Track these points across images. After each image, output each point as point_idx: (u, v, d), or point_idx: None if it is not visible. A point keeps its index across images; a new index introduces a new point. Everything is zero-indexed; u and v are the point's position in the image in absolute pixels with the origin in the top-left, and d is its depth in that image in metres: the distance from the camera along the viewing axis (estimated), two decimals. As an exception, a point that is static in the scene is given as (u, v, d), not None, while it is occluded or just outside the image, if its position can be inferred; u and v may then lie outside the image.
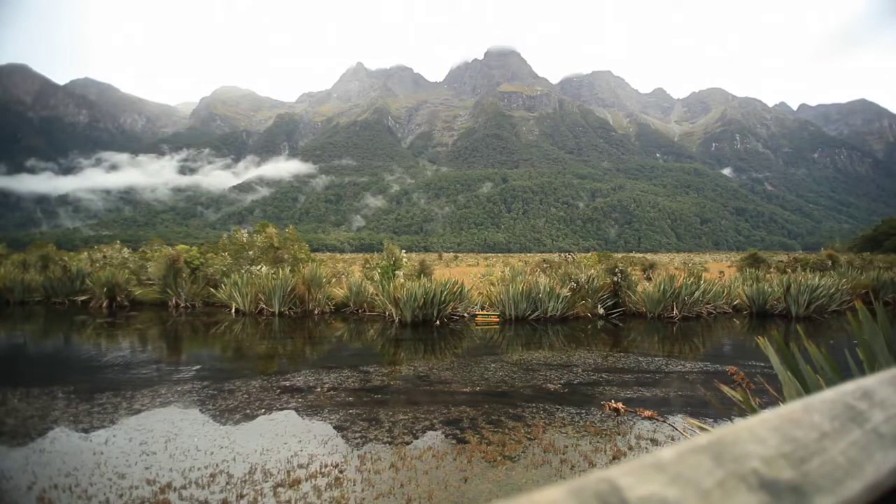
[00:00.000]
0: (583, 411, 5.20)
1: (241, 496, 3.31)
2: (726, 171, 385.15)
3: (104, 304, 14.59)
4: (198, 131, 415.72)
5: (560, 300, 12.49)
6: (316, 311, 13.23)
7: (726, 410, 4.42)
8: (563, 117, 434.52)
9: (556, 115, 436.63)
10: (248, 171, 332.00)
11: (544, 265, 16.84)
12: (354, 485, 3.49)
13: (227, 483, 3.50)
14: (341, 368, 7.06)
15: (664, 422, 4.80)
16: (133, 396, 5.66)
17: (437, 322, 11.59)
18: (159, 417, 4.96)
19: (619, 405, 2.30)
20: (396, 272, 13.94)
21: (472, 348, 9.33)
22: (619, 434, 4.55)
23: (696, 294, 12.96)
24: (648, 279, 16.74)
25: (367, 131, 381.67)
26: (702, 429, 2.53)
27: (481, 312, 12.74)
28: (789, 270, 17.77)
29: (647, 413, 2.41)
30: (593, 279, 13.55)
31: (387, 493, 3.37)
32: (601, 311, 13.00)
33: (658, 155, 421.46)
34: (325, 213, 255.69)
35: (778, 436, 0.43)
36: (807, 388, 1.76)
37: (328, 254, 66.33)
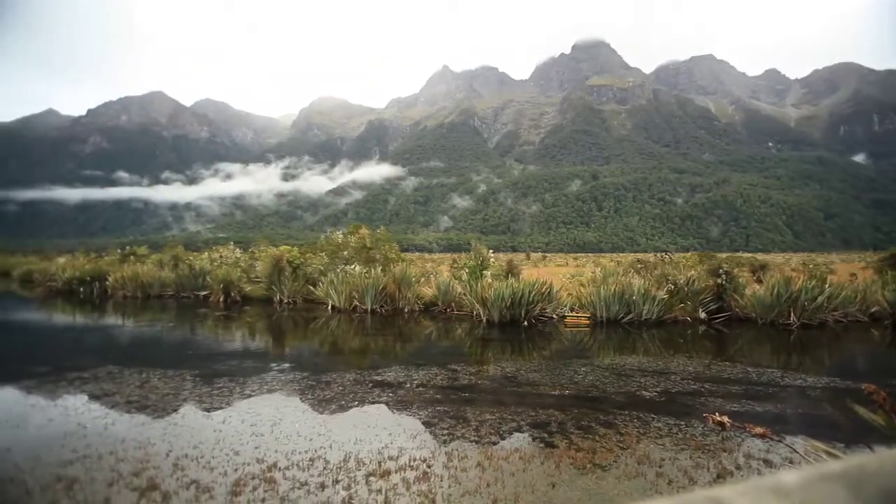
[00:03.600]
0: (682, 423, 4.84)
1: (337, 481, 3.52)
2: (859, 158, 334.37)
3: (221, 299, 16.25)
4: (298, 140, 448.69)
5: (656, 303, 11.73)
6: (406, 310, 13.67)
7: (862, 436, 3.86)
8: (657, 109, 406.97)
9: (649, 106, 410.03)
10: (343, 175, 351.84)
11: (638, 265, 15.92)
12: (441, 480, 3.56)
13: (324, 468, 3.74)
14: (430, 366, 7.23)
15: (780, 441, 4.32)
16: (245, 383, 6.26)
17: (525, 323, 11.44)
18: (266, 403, 5.43)
19: (725, 419, 2.09)
20: (484, 272, 13.97)
21: (561, 350, 9.09)
22: (724, 451, 4.17)
23: (820, 299, 11.45)
24: (759, 281, 15.15)
25: (454, 133, 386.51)
26: (830, 454, 2.21)
27: (571, 314, 12.36)
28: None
29: (759, 430, 2.17)
30: (693, 280, 12.54)
31: (473, 491, 3.39)
32: (703, 315, 12.00)
33: (770, 144, 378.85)
34: (414, 214, 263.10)
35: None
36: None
37: (417, 254, 68.28)
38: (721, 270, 12.83)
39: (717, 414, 4.64)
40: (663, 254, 18.01)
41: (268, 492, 3.35)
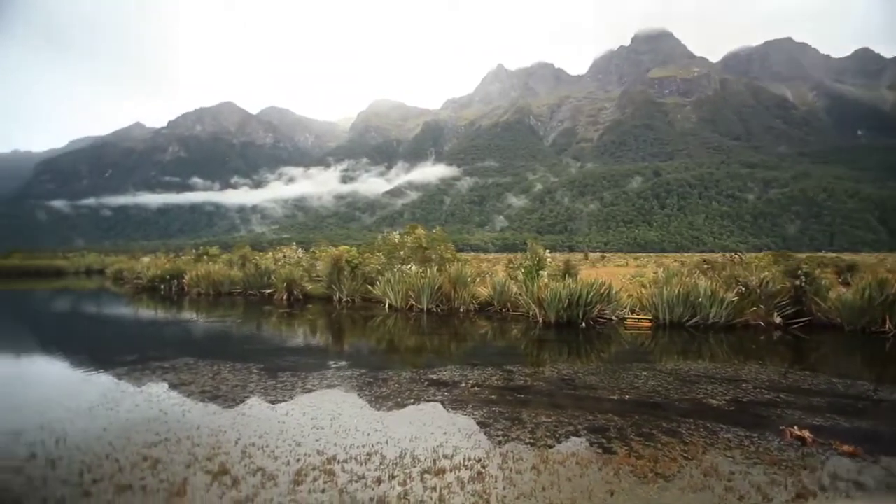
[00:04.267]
0: (754, 435, 4.51)
1: (393, 477, 3.59)
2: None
3: (284, 297, 17.05)
4: (356, 143, 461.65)
5: (724, 305, 11.01)
6: (461, 309, 13.72)
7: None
8: (725, 99, 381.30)
9: (717, 97, 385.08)
10: (399, 177, 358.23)
11: (705, 266, 15.04)
12: (496, 481, 3.53)
13: (381, 463, 3.83)
14: (485, 366, 7.20)
15: (874, 463, 3.92)
16: (306, 377, 6.53)
17: (583, 324, 11.13)
18: (326, 398, 5.64)
19: (805, 433, 1.91)
20: (540, 272, 13.74)
21: (621, 353, 8.76)
22: (804, 468, 3.84)
23: (920, 303, 10.28)
24: (846, 283, 13.83)
25: (509, 132, 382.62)
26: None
27: (631, 316, 11.88)
28: None
29: (847, 448, 1.98)
30: (767, 282, 11.65)
31: (528, 494, 3.34)
32: (778, 319, 11.13)
33: (859, 132, 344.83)
34: (470, 214, 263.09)
35: None
36: None
37: (472, 254, 68.30)
38: (800, 271, 11.84)
39: (796, 428, 4.31)
40: (733, 254, 16.90)
41: (327, 483, 3.48)
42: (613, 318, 11.85)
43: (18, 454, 4.00)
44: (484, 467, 3.77)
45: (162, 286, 21.01)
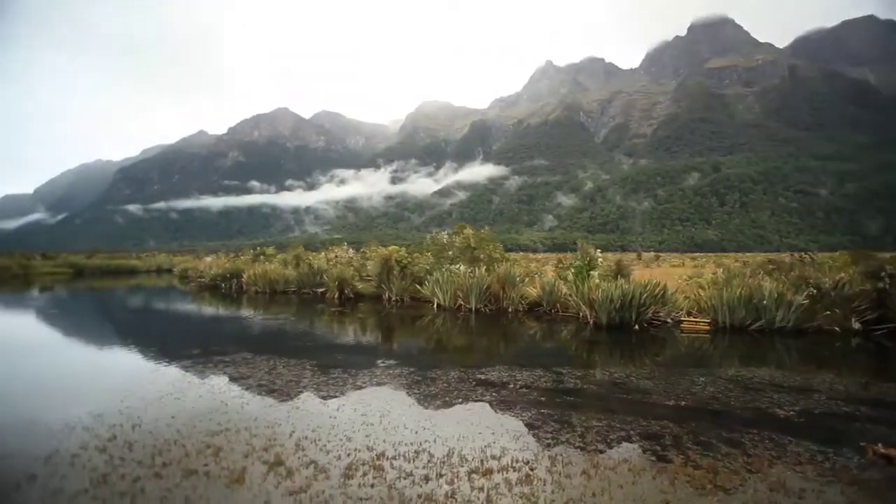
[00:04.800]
0: (829, 450, 4.16)
1: (440, 475, 3.60)
2: None
3: (336, 296, 17.55)
4: (405, 144, 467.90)
5: (793, 309, 10.26)
6: (509, 309, 13.60)
7: None
8: (794, 87, 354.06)
9: (783, 85, 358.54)
10: (447, 177, 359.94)
11: (770, 266, 14.08)
12: (545, 485, 3.47)
13: (429, 461, 3.85)
14: (534, 367, 7.10)
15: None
16: (356, 374, 6.68)
17: (636, 326, 10.74)
18: (376, 395, 5.75)
19: (892, 452, 1.73)
20: (591, 272, 13.38)
21: (677, 357, 8.38)
22: (889, 490, 3.51)
23: None
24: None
25: (558, 129, 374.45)
26: None
27: (688, 318, 11.33)
28: None
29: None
30: (843, 284, 10.75)
31: (577, 499, 3.26)
32: (856, 325, 10.24)
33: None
34: (518, 214, 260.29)
35: None
36: None
37: (521, 254, 67.50)
38: (884, 273, 10.83)
39: (880, 445, 3.95)
40: (802, 253, 15.73)
41: (376, 478, 3.54)
42: (669, 320, 11.35)
43: (102, 435, 4.37)
44: (532, 470, 3.71)
45: (223, 284, 22.23)
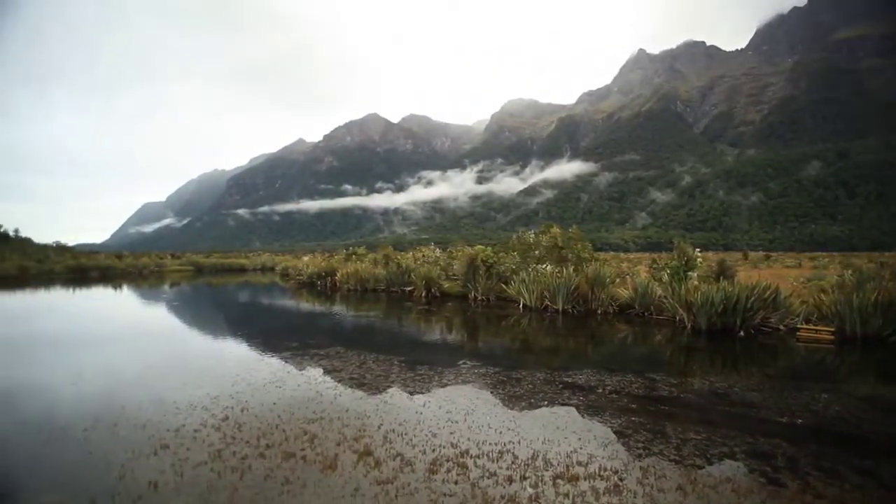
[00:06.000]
0: None
1: (524, 478, 3.54)
2: None
3: (423, 295, 18.00)
4: (490, 144, 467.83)
5: (947, 318, 8.72)
6: (598, 311, 13.07)
7: None
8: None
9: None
10: (533, 175, 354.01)
11: (915, 268, 12.11)
12: (635, 497, 3.27)
13: (513, 462, 3.81)
14: (624, 372, 6.75)
15: None
16: (442, 372, 6.80)
17: (741, 332, 9.78)
18: (460, 393, 5.81)
19: None
20: (689, 273, 12.43)
21: (792, 369, 7.50)
22: None
23: None
24: None
25: (652, 121, 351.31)
26: None
27: (806, 326, 10.08)
28: None
29: None
30: None
31: (675, 517, 3.03)
32: None
33: None
34: (608, 212, 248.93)
35: None
36: None
37: (612, 253, 64.50)
38: None
39: None
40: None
41: (460, 476, 3.57)
42: (781, 327, 10.19)
43: (217, 415, 4.89)
44: (621, 479, 3.52)
45: (318, 282, 23.84)
